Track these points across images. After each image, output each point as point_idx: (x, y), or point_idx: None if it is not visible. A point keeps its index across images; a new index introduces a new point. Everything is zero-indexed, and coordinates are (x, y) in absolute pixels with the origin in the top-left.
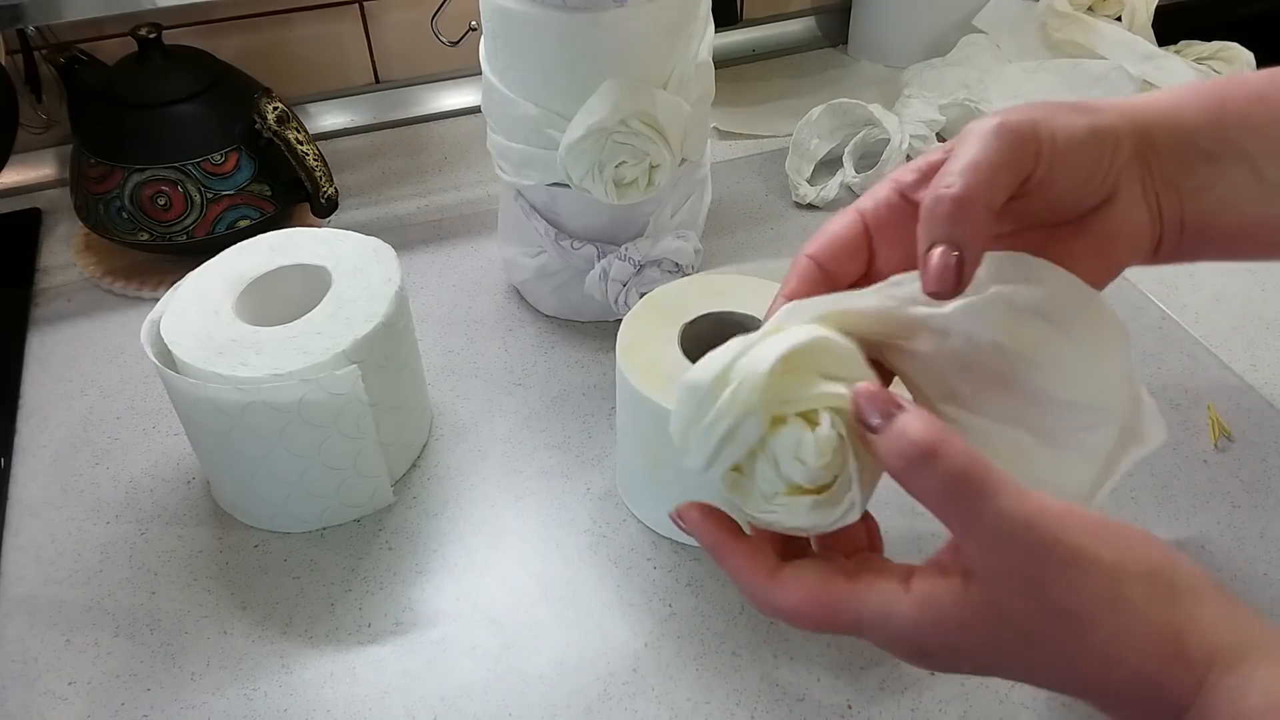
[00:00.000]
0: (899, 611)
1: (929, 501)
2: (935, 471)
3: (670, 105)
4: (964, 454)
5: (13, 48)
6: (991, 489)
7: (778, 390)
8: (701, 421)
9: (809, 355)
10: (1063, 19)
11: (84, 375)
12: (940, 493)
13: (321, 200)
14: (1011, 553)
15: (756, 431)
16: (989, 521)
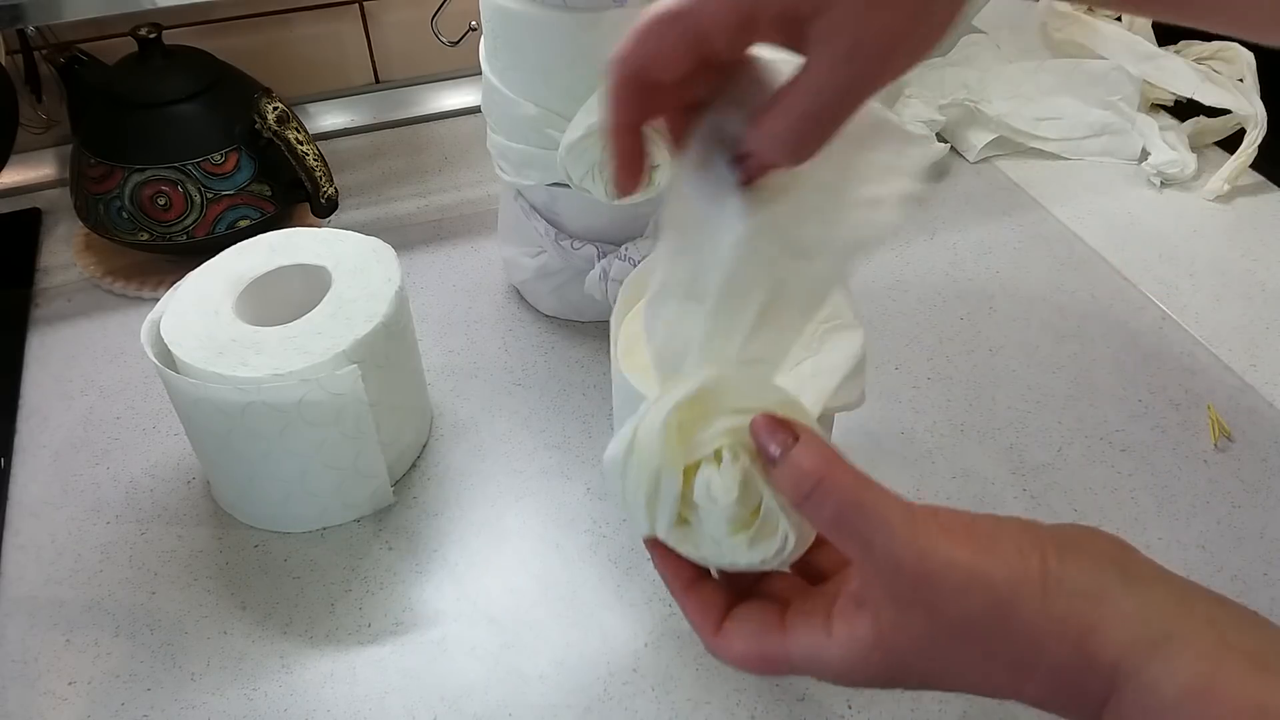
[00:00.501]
0: (825, 655)
1: (825, 530)
2: (827, 501)
3: None
4: (853, 484)
5: (13, 48)
6: (881, 517)
7: (680, 440)
8: (627, 493)
9: (705, 399)
10: (1063, 19)
11: (84, 375)
12: (834, 522)
13: (321, 200)
14: (906, 580)
15: (674, 486)
16: (880, 551)
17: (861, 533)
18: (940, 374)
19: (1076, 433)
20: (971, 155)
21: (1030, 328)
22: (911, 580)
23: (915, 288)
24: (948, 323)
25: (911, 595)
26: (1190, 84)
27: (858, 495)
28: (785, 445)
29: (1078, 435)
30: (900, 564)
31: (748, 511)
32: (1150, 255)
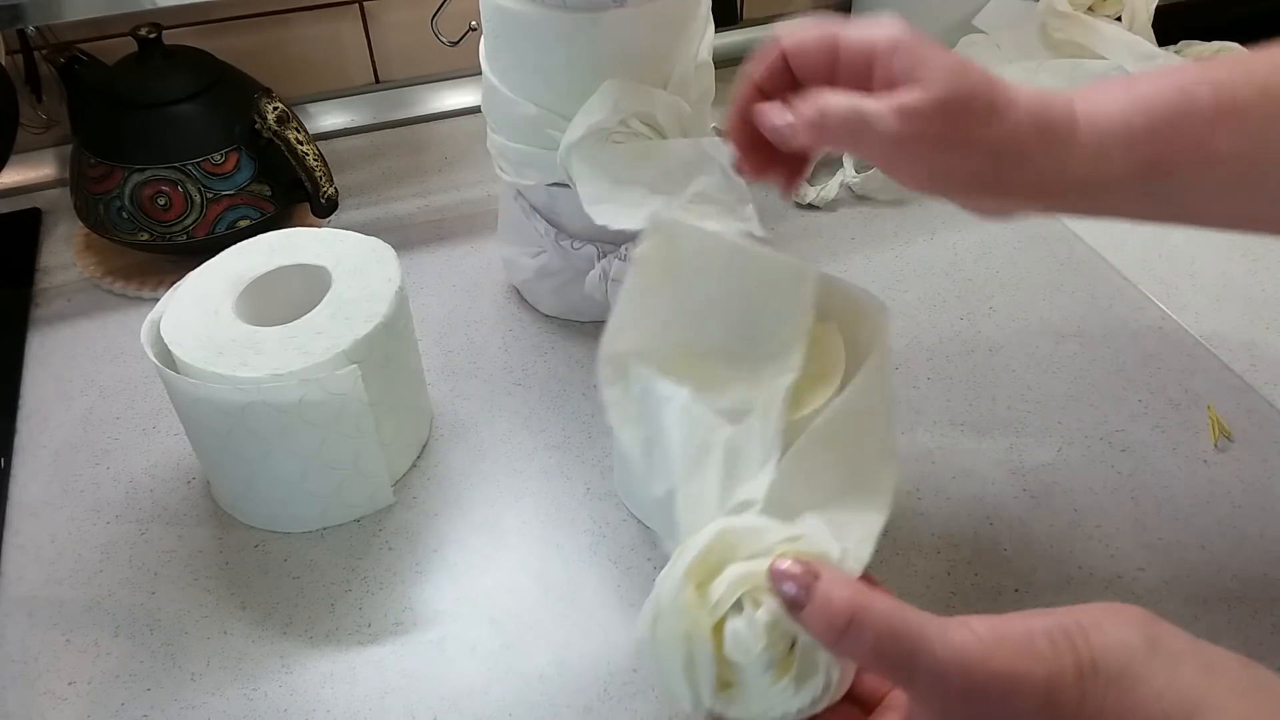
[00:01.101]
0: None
1: (866, 664)
2: (864, 636)
3: (670, 105)
4: (886, 612)
5: (13, 48)
6: (919, 640)
7: (701, 602)
8: (664, 671)
9: (714, 555)
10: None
11: (84, 375)
12: (874, 654)
13: (321, 200)
14: (955, 698)
15: (707, 648)
16: (924, 674)
17: (903, 660)
18: (940, 374)
19: (1076, 433)
20: None
21: (1030, 328)
22: (960, 697)
23: (915, 288)
24: (948, 323)
25: (962, 711)
26: None
27: (892, 623)
28: (808, 585)
29: (1078, 435)
30: (947, 684)
31: (782, 654)
32: (1150, 255)
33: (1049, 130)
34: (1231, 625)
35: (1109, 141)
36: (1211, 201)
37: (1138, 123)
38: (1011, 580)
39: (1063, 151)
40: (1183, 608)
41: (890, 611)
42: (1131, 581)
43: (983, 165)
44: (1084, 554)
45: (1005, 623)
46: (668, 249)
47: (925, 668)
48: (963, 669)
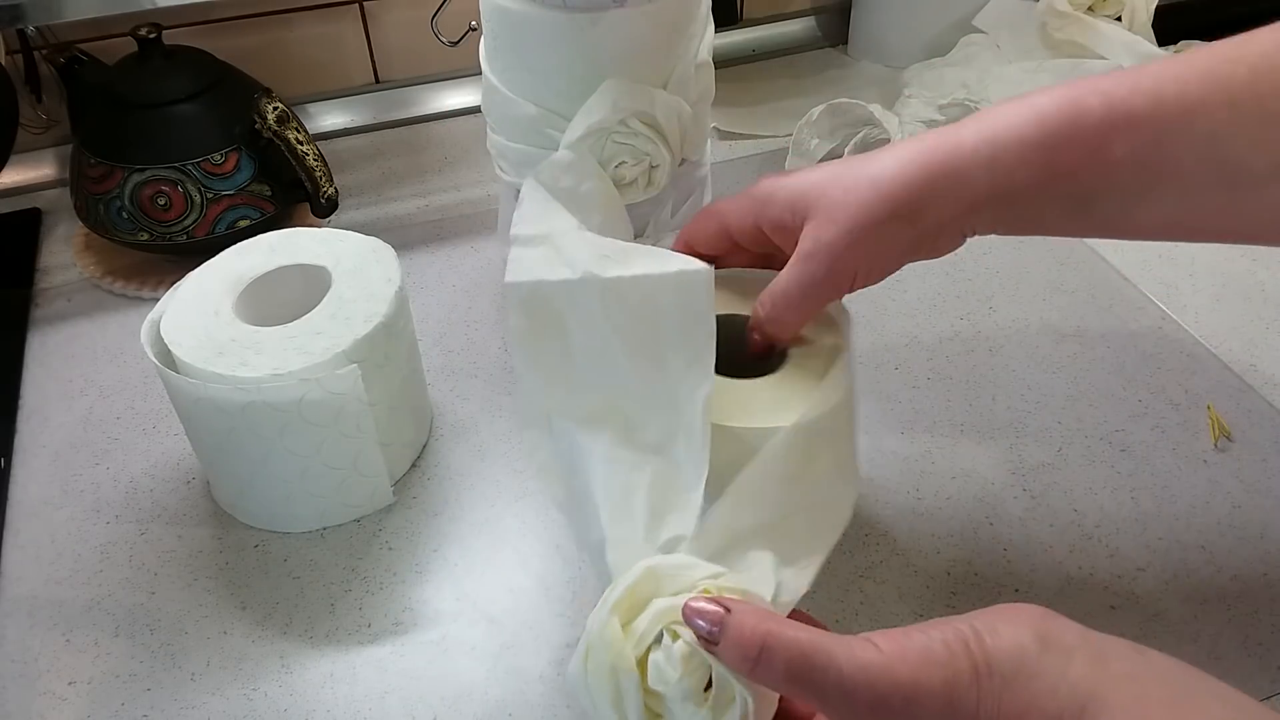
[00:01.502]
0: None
1: (780, 689)
2: (775, 663)
3: (670, 105)
4: (795, 638)
5: (13, 48)
6: (827, 660)
7: (626, 636)
8: (595, 704)
9: (636, 594)
10: (1063, 19)
11: (84, 375)
12: (787, 679)
13: (321, 200)
14: (860, 712)
15: (632, 680)
16: (833, 691)
17: (813, 682)
18: (940, 374)
19: (1076, 433)
20: None
21: (1030, 328)
22: (868, 710)
23: (915, 288)
24: (948, 323)
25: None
26: None
27: (801, 647)
28: (719, 621)
29: (1078, 435)
30: (855, 699)
31: (700, 684)
32: (1150, 255)
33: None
34: (1231, 625)
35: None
36: (1128, 210)
37: (1030, 134)
38: (1011, 580)
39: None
40: (1183, 608)
41: (799, 637)
42: (1131, 581)
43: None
44: (1084, 554)
45: (906, 635)
46: (539, 311)
47: (834, 685)
48: (868, 683)
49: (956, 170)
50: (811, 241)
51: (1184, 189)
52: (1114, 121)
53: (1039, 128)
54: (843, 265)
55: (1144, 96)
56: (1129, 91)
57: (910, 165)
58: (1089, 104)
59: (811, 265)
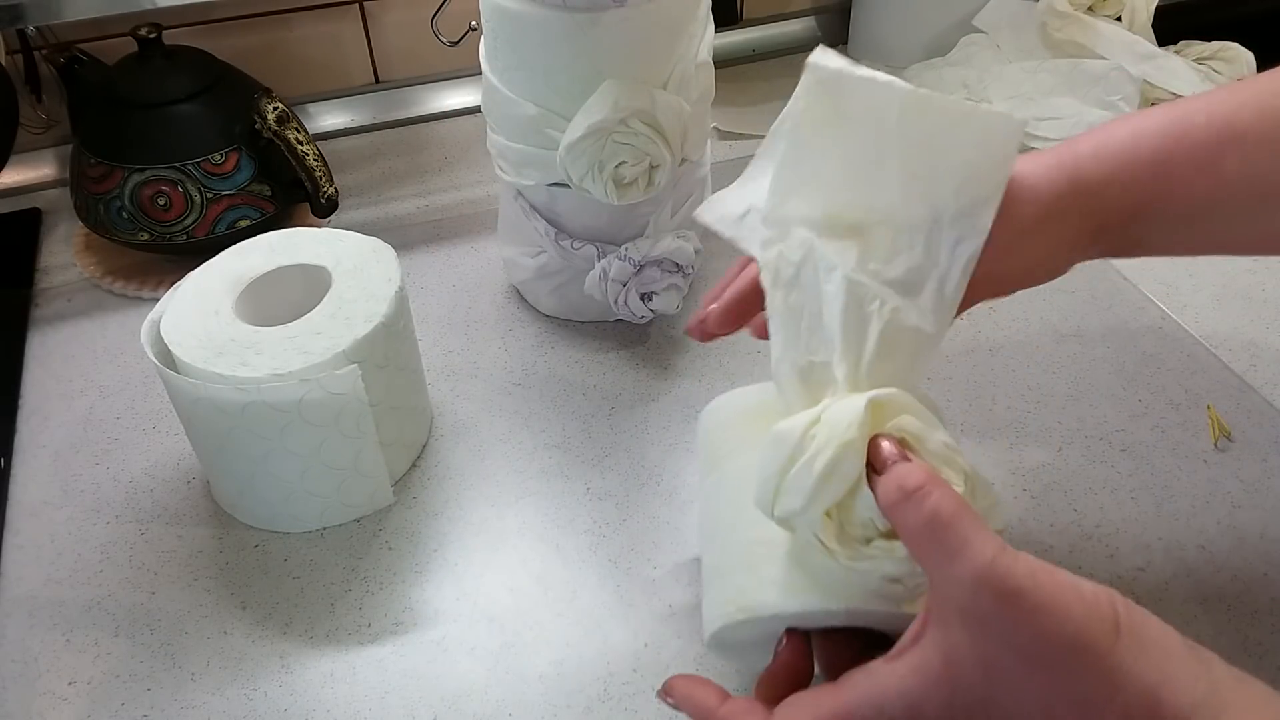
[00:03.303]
0: (888, 690)
1: (915, 536)
2: (925, 504)
3: (670, 105)
4: (953, 502)
5: (13, 48)
6: (972, 534)
7: (867, 432)
8: (798, 463)
9: (888, 406)
10: (1063, 19)
11: (84, 375)
12: (926, 526)
13: (321, 200)
14: (988, 594)
15: (855, 468)
16: (966, 562)
17: (950, 543)
18: (940, 374)
19: (1076, 433)
20: None
21: (1030, 328)
22: (993, 595)
23: None
24: None
25: (991, 611)
26: (1190, 84)
27: (954, 511)
28: (894, 457)
29: (1078, 435)
30: (985, 577)
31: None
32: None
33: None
34: (1231, 625)
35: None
36: (1236, 227)
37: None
38: None
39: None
40: (1183, 608)
41: (956, 503)
42: (1131, 581)
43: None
44: (1084, 554)
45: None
46: (831, 103)
47: (969, 557)
48: (1005, 570)
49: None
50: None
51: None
52: (1225, 134)
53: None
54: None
55: (1250, 111)
56: (1234, 107)
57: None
58: (1195, 116)
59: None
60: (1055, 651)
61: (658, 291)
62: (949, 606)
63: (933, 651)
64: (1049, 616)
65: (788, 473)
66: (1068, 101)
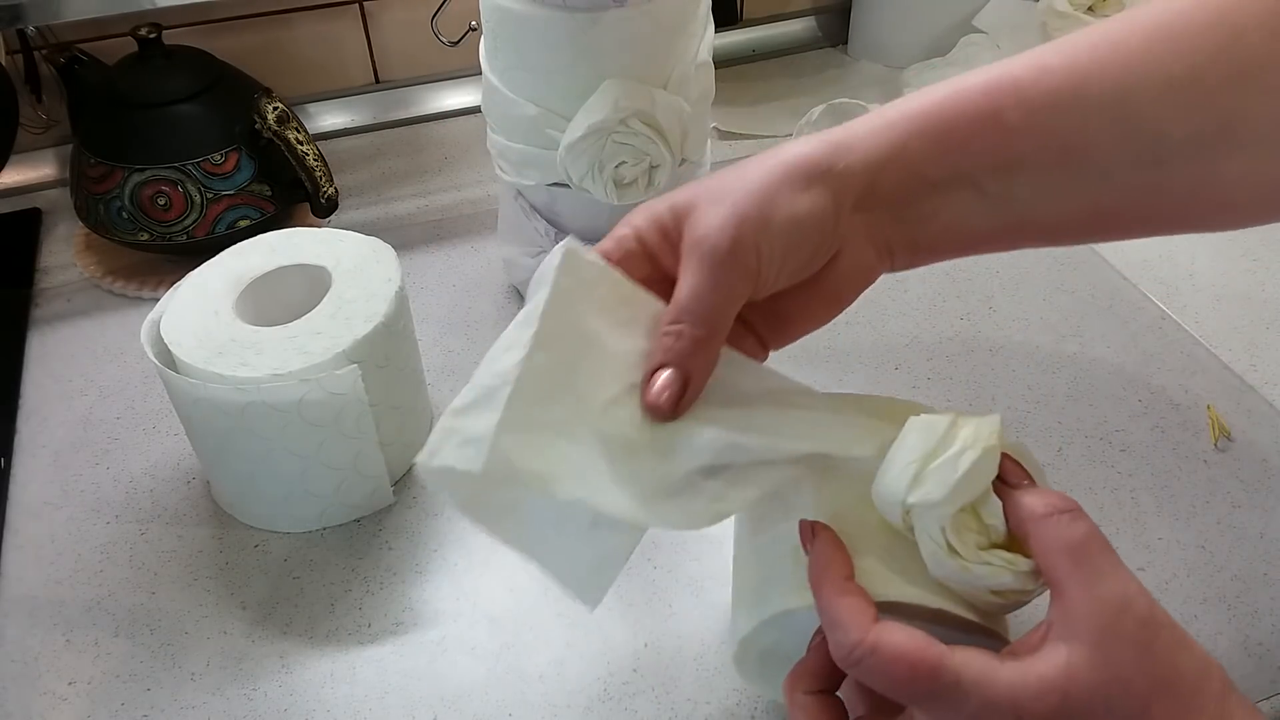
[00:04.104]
0: (1000, 678)
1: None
2: (1078, 524)
3: (670, 105)
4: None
5: (13, 48)
6: (1119, 564)
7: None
8: (944, 454)
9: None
10: (1063, 19)
11: (84, 375)
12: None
13: (321, 200)
14: (1133, 617)
15: (993, 470)
16: (1111, 583)
17: (1101, 565)
18: (940, 374)
19: (1076, 433)
20: None
21: (1030, 328)
22: (1139, 621)
23: (915, 288)
24: (948, 323)
25: (1133, 635)
26: None
27: (1104, 539)
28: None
29: (1078, 435)
30: (1130, 601)
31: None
32: (1150, 255)
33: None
34: (1231, 625)
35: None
36: (1045, 197)
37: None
38: None
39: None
40: (1183, 608)
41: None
42: None
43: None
44: None
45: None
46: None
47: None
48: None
49: (843, 142)
50: (702, 226)
51: (1101, 168)
52: (999, 87)
53: (927, 100)
54: (740, 236)
55: (1024, 66)
56: (1009, 64)
57: (800, 143)
58: (971, 79)
59: (706, 246)
60: (1183, 685)
61: None
62: (1084, 624)
63: (1053, 661)
64: (1183, 652)
65: (931, 463)
66: None
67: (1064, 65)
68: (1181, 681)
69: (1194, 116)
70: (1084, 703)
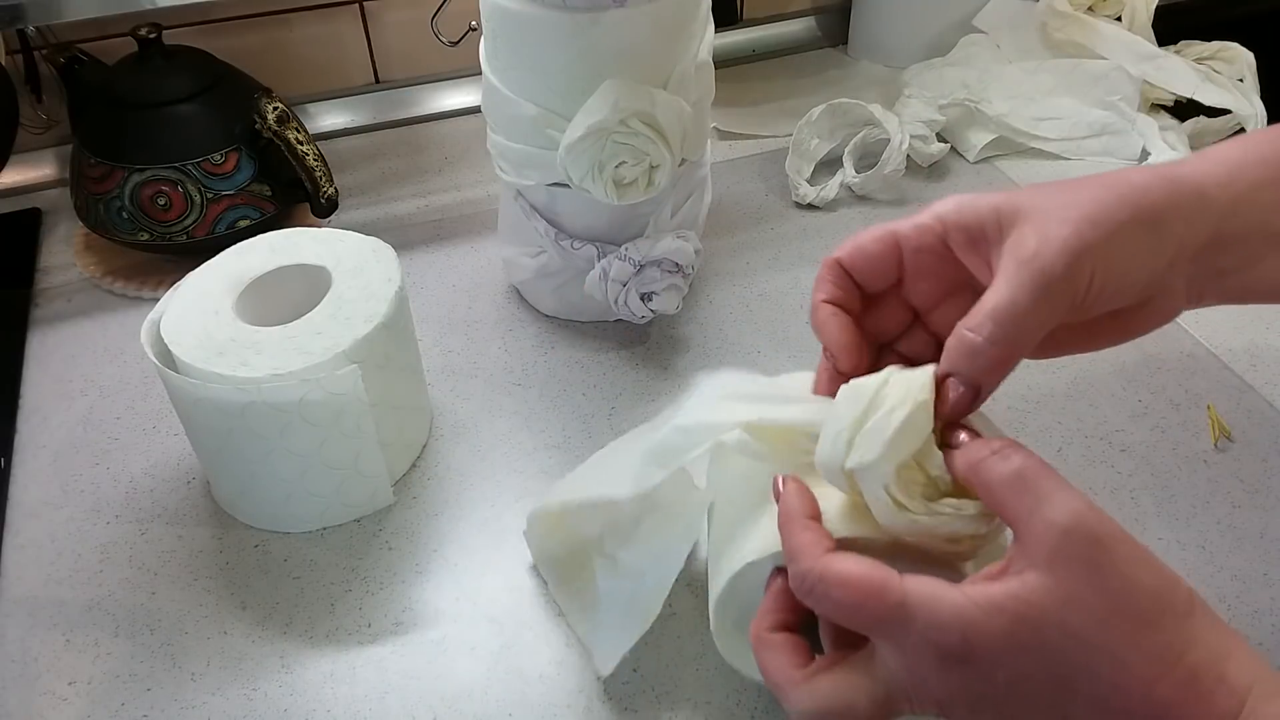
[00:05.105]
0: (947, 600)
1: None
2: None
3: (670, 105)
4: (1035, 457)
5: (13, 48)
6: (1061, 485)
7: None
8: (875, 415)
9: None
10: (1063, 19)
11: (84, 375)
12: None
13: (321, 200)
14: (1080, 537)
15: (928, 424)
16: (1059, 506)
17: (1042, 490)
18: None
19: (1076, 433)
20: (971, 155)
21: None
22: (1087, 539)
23: None
24: None
25: (1083, 554)
26: (1190, 84)
27: (1042, 465)
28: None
29: (1078, 435)
30: (1080, 521)
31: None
32: None
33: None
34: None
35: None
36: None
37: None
38: None
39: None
40: None
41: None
42: None
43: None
44: None
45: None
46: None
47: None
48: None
49: (1194, 184)
50: (1036, 240)
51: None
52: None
53: (1266, 145)
54: (1079, 264)
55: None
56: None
57: (1143, 174)
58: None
59: (1039, 263)
60: (1140, 601)
61: (658, 291)
62: (1034, 549)
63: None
64: (1140, 567)
65: (863, 426)
66: (1068, 101)
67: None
68: (1139, 598)
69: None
70: (1035, 624)
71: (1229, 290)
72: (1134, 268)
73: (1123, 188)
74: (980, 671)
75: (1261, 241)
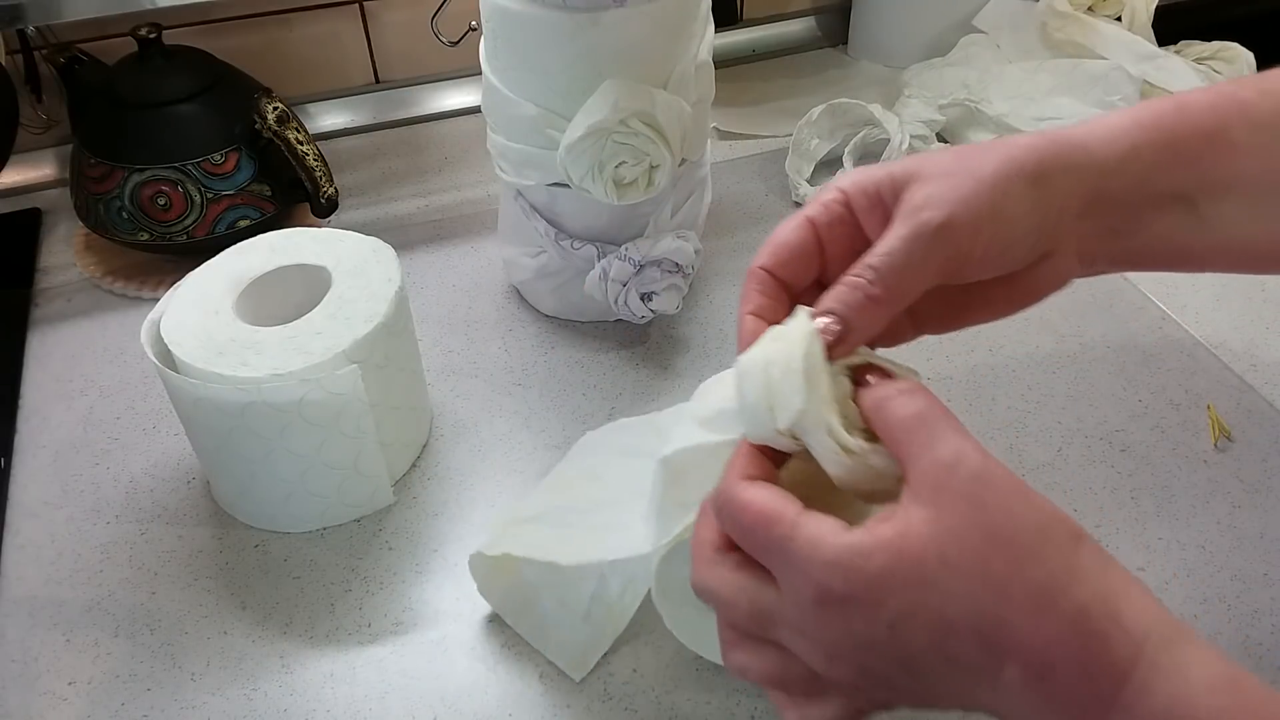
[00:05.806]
0: (835, 538)
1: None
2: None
3: (670, 105)
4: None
5: (13, 48)
6: (956, 429)
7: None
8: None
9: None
10: (1063, 19)
11: (84, 375)
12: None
13: (321, 200)
14: (965, 473)
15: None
16: (947, 446)
17: (936, 430)
18: (940, 374)
19: (1076, 433)
20: None
21: (1030, 328)
22: (971, 474)
23: None
24: None
25: (965, 488)
26: (1190, 84)
27: (944, 410)
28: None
29: (1078, 435)
30: (964, 457)
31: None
32: None
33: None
34: (1231, 625)
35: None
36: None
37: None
38: None
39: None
40: (1183, 608)
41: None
42: None
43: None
44: None
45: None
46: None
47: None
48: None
49: (1078, 141)
50: (922, 196)
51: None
52: (1224, 105)
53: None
54: (964, 217)
55: (1248, 87)
56: (1231, 84)
57: (1031, 137)
58: (1192, 97)
59: (921, 215)
60: (1022, 533)
61: (658, 291)
62: (921, 487)
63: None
64: (1022, 500)
65: (772, 386)
66: (1068, 101)
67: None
68: (1020, 532)
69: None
70: (916, 558)
71: (1119, 254)
72: (1020, 222)
73: (1010, 149)
74: (862, 612)
75: (1145, 201)
